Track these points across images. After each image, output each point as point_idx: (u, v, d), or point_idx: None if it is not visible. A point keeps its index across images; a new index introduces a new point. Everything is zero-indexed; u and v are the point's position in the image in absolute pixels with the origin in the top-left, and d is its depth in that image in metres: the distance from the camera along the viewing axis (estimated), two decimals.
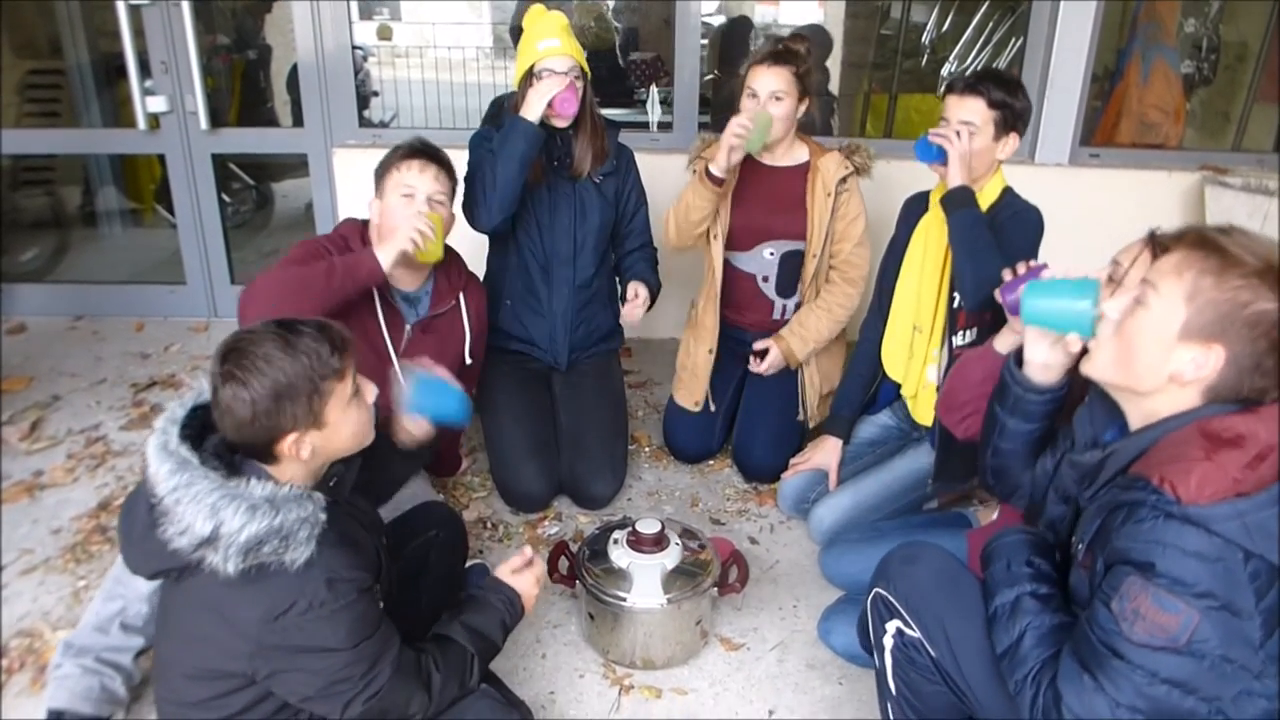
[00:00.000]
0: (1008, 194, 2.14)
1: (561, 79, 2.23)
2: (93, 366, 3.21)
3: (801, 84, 2.39)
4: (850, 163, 2.47)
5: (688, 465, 2.69)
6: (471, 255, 2.33)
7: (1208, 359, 1.15)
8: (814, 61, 2.45)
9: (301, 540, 1.22)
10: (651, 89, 4.35)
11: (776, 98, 2.37)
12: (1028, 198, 2.15)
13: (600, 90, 2.45)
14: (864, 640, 1.79)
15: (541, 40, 2.25)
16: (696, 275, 2.76)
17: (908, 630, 1.38)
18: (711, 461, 2.71)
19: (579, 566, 1.91)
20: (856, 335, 2.47)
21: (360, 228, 2.10)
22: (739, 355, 2.64)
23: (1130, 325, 1.21)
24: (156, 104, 3.34)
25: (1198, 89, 4.20)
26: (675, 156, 3.13)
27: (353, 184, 3.38)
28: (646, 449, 2.78)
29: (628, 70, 4.60)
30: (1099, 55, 3.40)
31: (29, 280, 3.81)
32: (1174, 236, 1.24)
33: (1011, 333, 1.66)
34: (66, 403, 2.94)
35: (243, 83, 4.44)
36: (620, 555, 1.88)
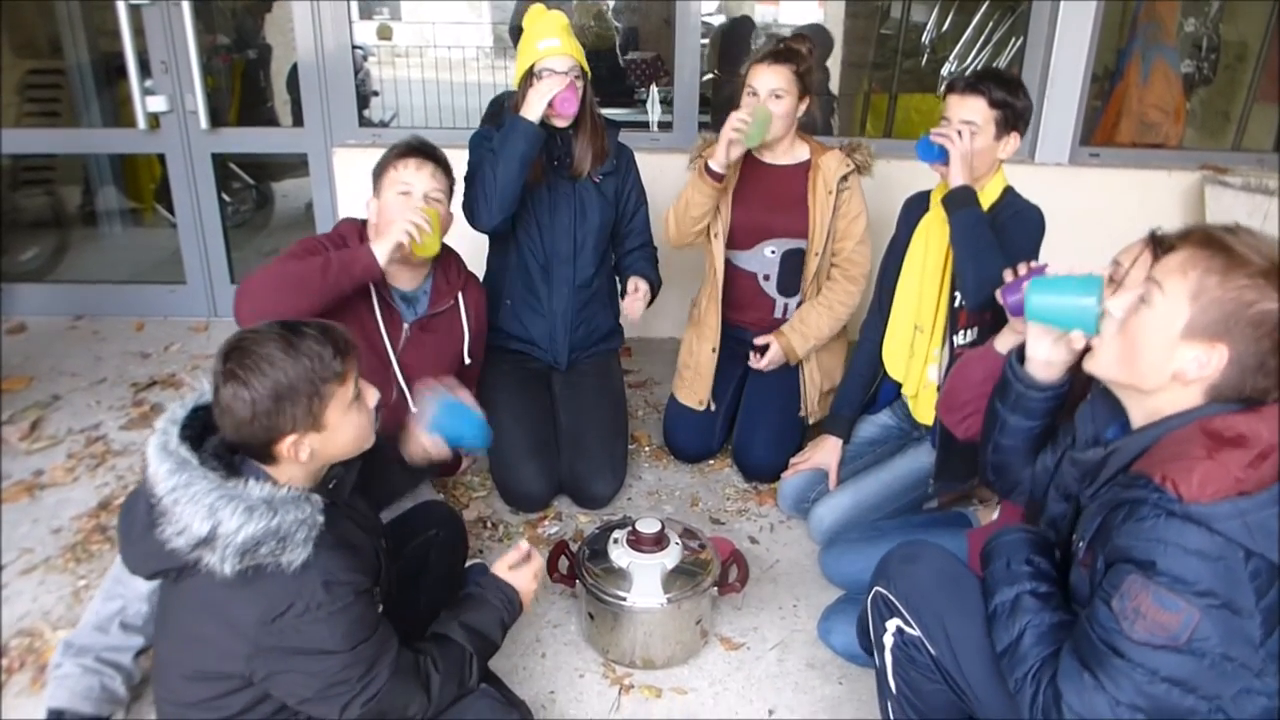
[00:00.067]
0: (1009, 193, 2.14)
1: (562, 79, 2.23)
2: (93, 366, 3.21)
3: (802, 82, 2.40)
4: (851, 161, 2.47)
5: (688, 465, 2.69)
6: (471, 255, 2.33)
7: (1211, 358, 1.15)
8: (814, 61, 2.46)
9: (299, 542, 1.22)
10: (651, 88, 4.35)
11: (776, 95, 2.37)
12: (1028, 197, 2.15)
13: (600, 90, 2.45)
14: (863, 640, 1.79)
15: (542, 40, 2.26)
16: (697, 274, 2.76)
17: (908, 629, 1.38)
18: (711, 461, 2.70)
19: (579, 566, 1.91)
20: (857, 334, 2.47)
21: (359, 227, 2.10)
22: (740, 355, 2.64)
23: (1134, 323, 1.21)
24: (156, 103, 3.34)
25: (1198, 88, 4.20)
26: (675, 156, 3.14)
27: (353, 184, 3.38)
28: (646, 448, 2.78)
29: (627, 70, 4.60)
30: (1099, 55, 3.40)
31: (29, 280, 3.81)
32: (1179, 235, 1.23)
33: (1012, 333, 1.66)
34: (66, 402, 2.94)
35: (243, 82, 4.44)
36: (620, 555, 1.87)
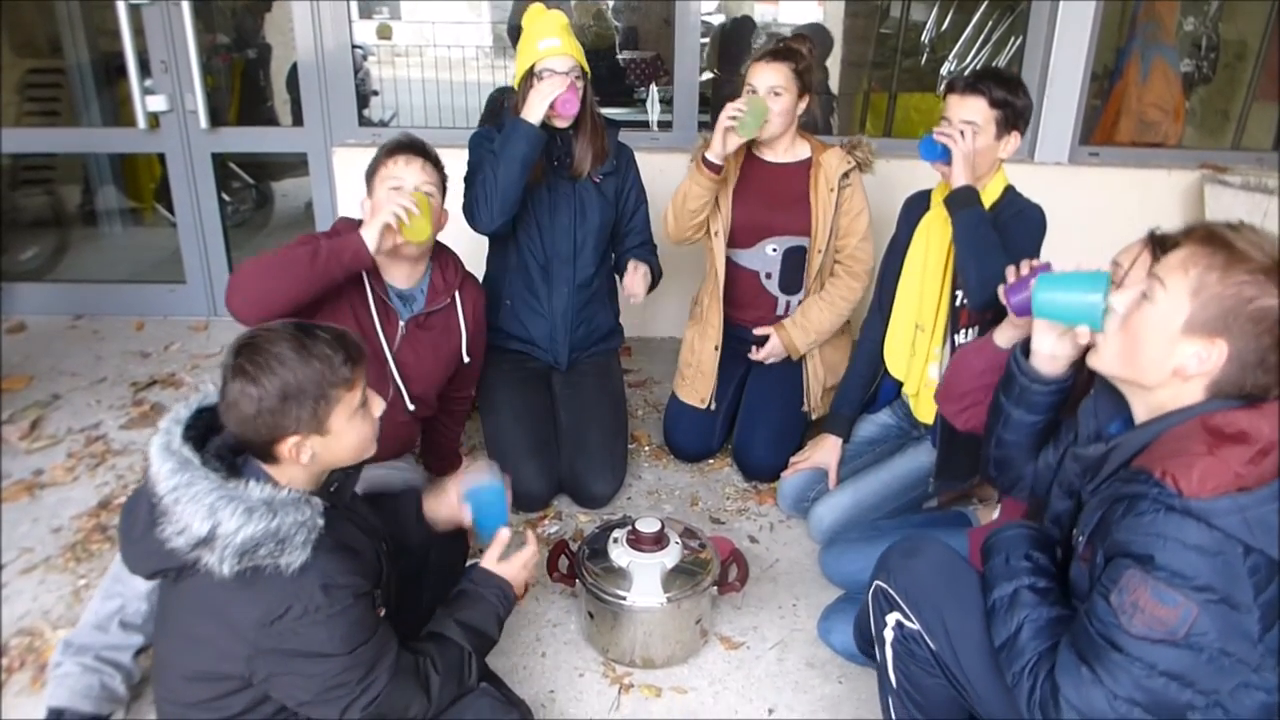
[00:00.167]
0: (1010, 193, 2.14)
1: (563, 80, 2.23)
2: (93, 365, 3.21)
3: (801, 80, 2.40)
4: (852, 158, 2.47)
5: (687, 464, 2.69)
6: (470, 256, 2.32)
7: (1211, 354, 1.15)
8: (814, 60, 2.46)
9: (298, 545, 1.22)
10: (651, 88, 4.35)
11: (775, 93, 2.37)
12: (1028, 196, 2.15)
13: (600, 89, 2.45)
14: (860, 641, 1.80)
15: (542, 40, 2.25)
16: (697, 273, 2.76)
17: (907, 623, 1.39)
18: (711, 460, 2.71)
19: (579, 565, 1.91)
20: (859, 332, 2.47)
21: (355, 225, 2.09)
22: (741, 354, 2.64)
23: (1136, 319, 1.22)
24: (156, 103, 3.34)
25: (1197, 87, 4.20)
26: (675, 155, 3.14)
27: (352, 183, 3.37)
28: (646, 448, 2.78)
29: (627, 69, 4.60)
30: (1098, 54, 3.40)
31: (29, 279, 3.81)
32: (1182, 232, 1.24)
33: (1012, 327, 1.67)
34: (66, 401, 2.94)
35: (242, 82, 4.44)
36: (620, 554, 1.87)
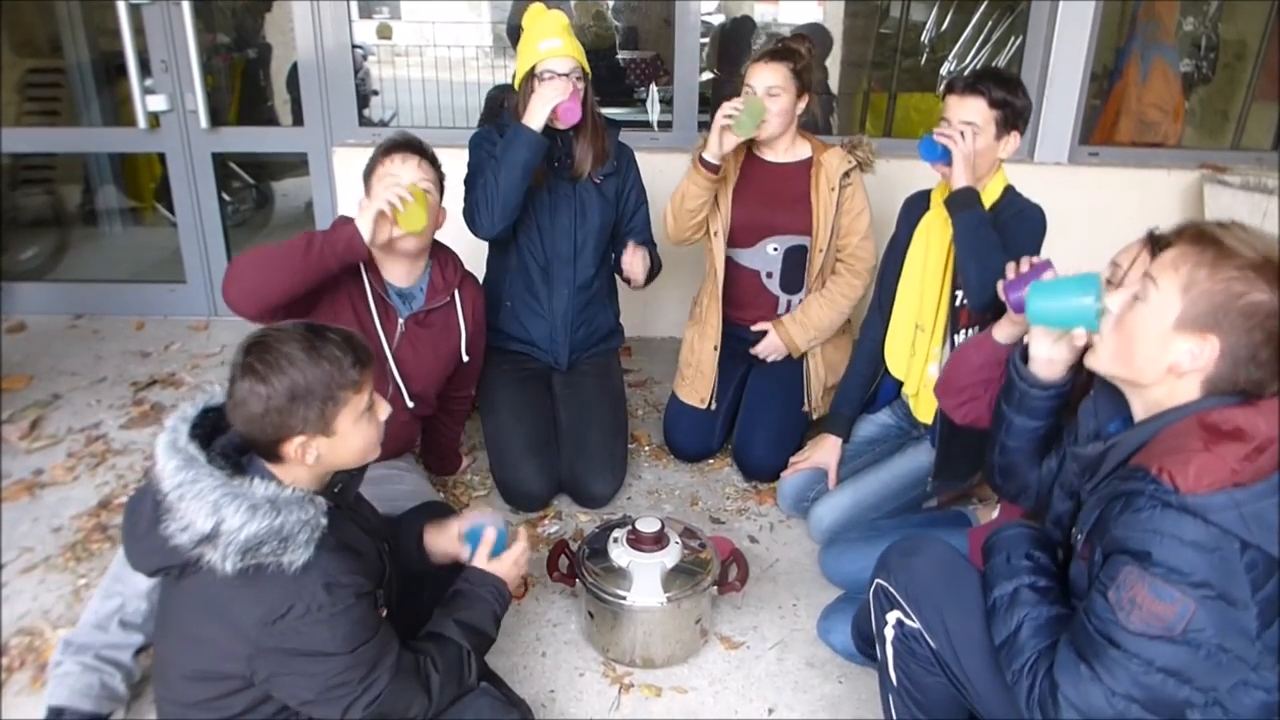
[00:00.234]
0: (1009, 193, 2.14)
1: (564, 85, 2.22)
2: (93, 365, 3.21)
3: (799, 80, 2.40)
4: (853, 157, 2.48)
5: (687, 464, 2.69)
6: (469, 257, 2.32)
7: (1203, 350, 1.16)
8: (813, 59, 2.45)
9: (300, 543, 1.23)
10: (651, 88, 4.35)
11: (772, 94, 2.38)
12: (1027, 196, 2.15)
13: (600, 89, 2.44)
14: (857, 640, 1.80)
15: (543, 40, 2.25)
16: (698, 272, 2.76)
17: (908, 621, 1.39)
18: (711, 460, 2.71)
19: (579, 565, 1.91)
20: (859, 332, 2.47)
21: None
22: (741, 353, 2.64)
23: (1129, 318, 1.23)
24: (156, 103, 3.34)
25: (1197, 87, 4.20)
26: (675, 155, 3.14)
27: (353, 183, 3.35)
28: (646, 448, 2.78)
29: (627, 69, 4.60)
30: (1098, 54, 3.40)
31: (29, 279, 3.81)
32: (1174, 232, 1.25)
33: (1011, 323, 1.67)
34: (66, 401, 2.94)
35: (243, 81, 4.44)
36: (620, 554, 1.87)
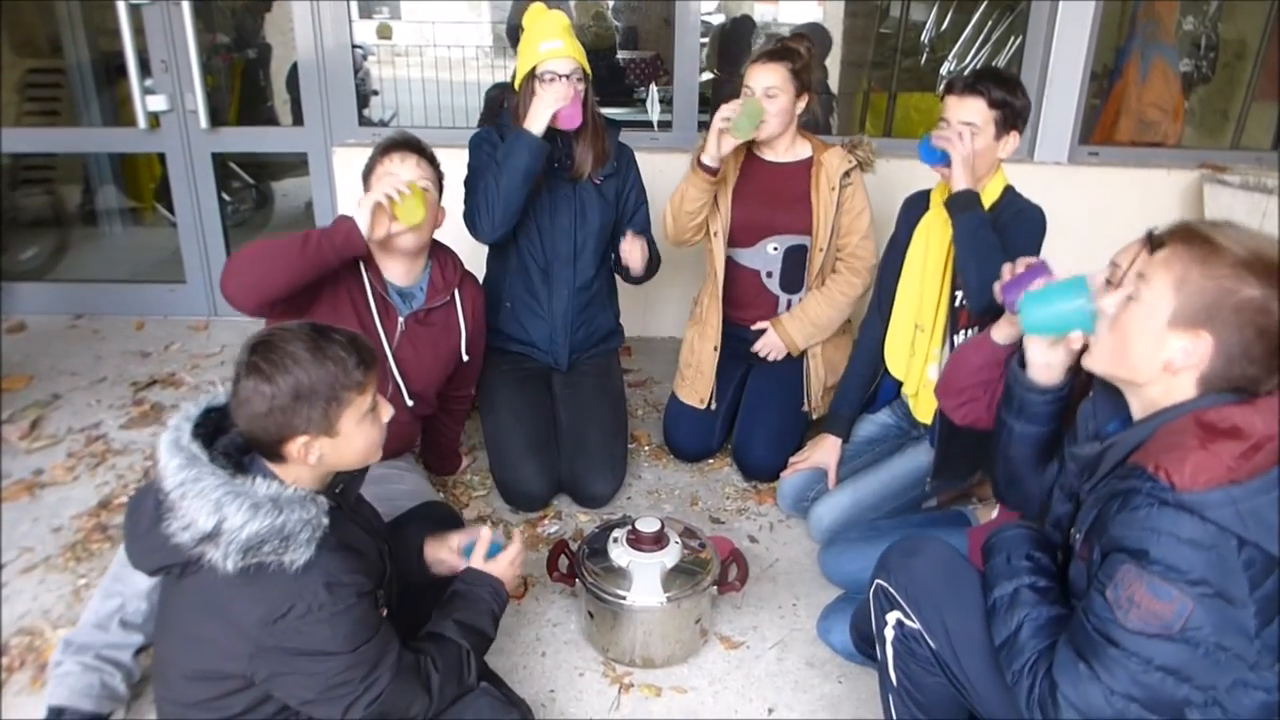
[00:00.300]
0: (1009, 193, 2.14)
1: (566, 89, 2.21)
2: (93, 365, 3.21)
3: (798, 80, 2.40)
4: (853, 157, 2.48)
5: (687, 464, 2.69)
6: (470, 257, 2.32)
7: (1196, 347, 1.16)
8: (813, 59, 2.45)
9: (302, 542, 1.23)
10: (651, 88, 4.35)
11: (770, 94, 2.38)
12: (1027, 196, 2.15)
13: (600, 89, 2.44)
14: (856, 639, 1.80)
15: (544, 41, 2.24)
16: (698, 273, 2.76)
17: (908, 622, 1.39)
18: (711, 460, 2.71)
19: (579, 565, 1.91)
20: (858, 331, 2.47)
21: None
22: (741, 353, 2.64)
23: (1124, 317, 1.23)
24: (156, 103, 3.34)
25: (1196, 87, 4.20)
26: (675, 155, 3.14)
27: (352, 183, 3.34)
28: (646, 448, 2.78)
29: (626, 69, 4.60)
30: (1098, 53, 3.40)
31: (29, 279, 3.81)
32: (1167, 231, 1.25)
33: (1009, 324, 1.67)
34: (66, 401, 2.94)
35: (243, 81, 4.44)
36: (620, 554, 1.88)
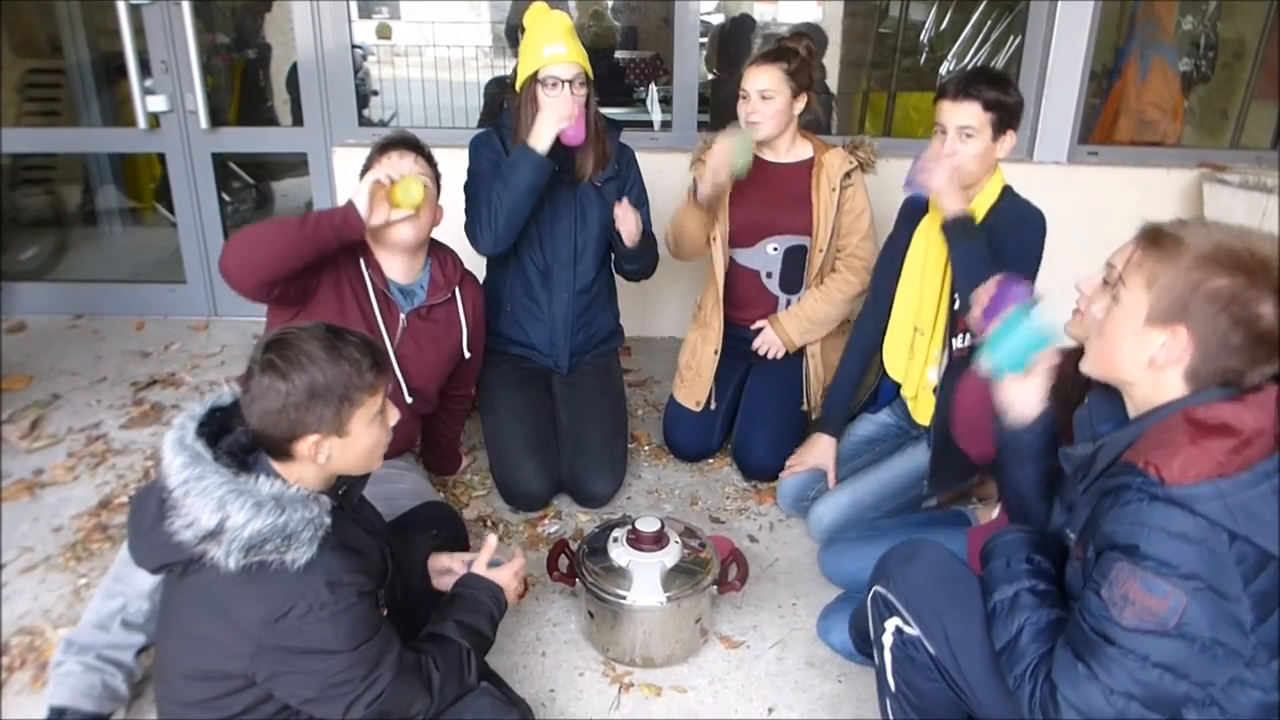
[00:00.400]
0: (1008, 194, 2.13)
1: (570, 106, 2.19)
2: (93, 365, 3.21)
3: (794, 81, 2.39)
4: (854, 158, 2.48)
5: (687, 464, 2.69)
6: (469, 256, 2.32)
7: (1175, 341, 1.18)
8: (812, 58, 2.45)
9: (304, 541, 1.23)
10: (651, 87, 4.35)
11: (765, 96, 2.38)
12: (1026, 196, 2.14)
13: (599, 89, 2.43)
14: (856, 640, 1.80)
15: (547, 45, 2.23)
16: (698, 274, 2.76)
17: (907, 628, 1.39)
18: (711, 460, 2.71)
19: (579, 565, 1.91)
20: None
21: None
22: (740, 353, 2.64)
23: (1107, 321, 1.27)
24: (156, 103, 3.34)
25: (1196, 86, 4.21)
26: (675, 155, 3.14)
27: (352, 183, 3.34)
28: (646, 447, 2.79)
29: (626, 69, 4.60)
30: (1097, 53, 3.40)
31: (29, 279, 3.81)
32: (1138, 235, 1.28)
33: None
34: (67, 401, 2.94)
35: (242, 82, 4.44)
36: (620, 553, 1.88)
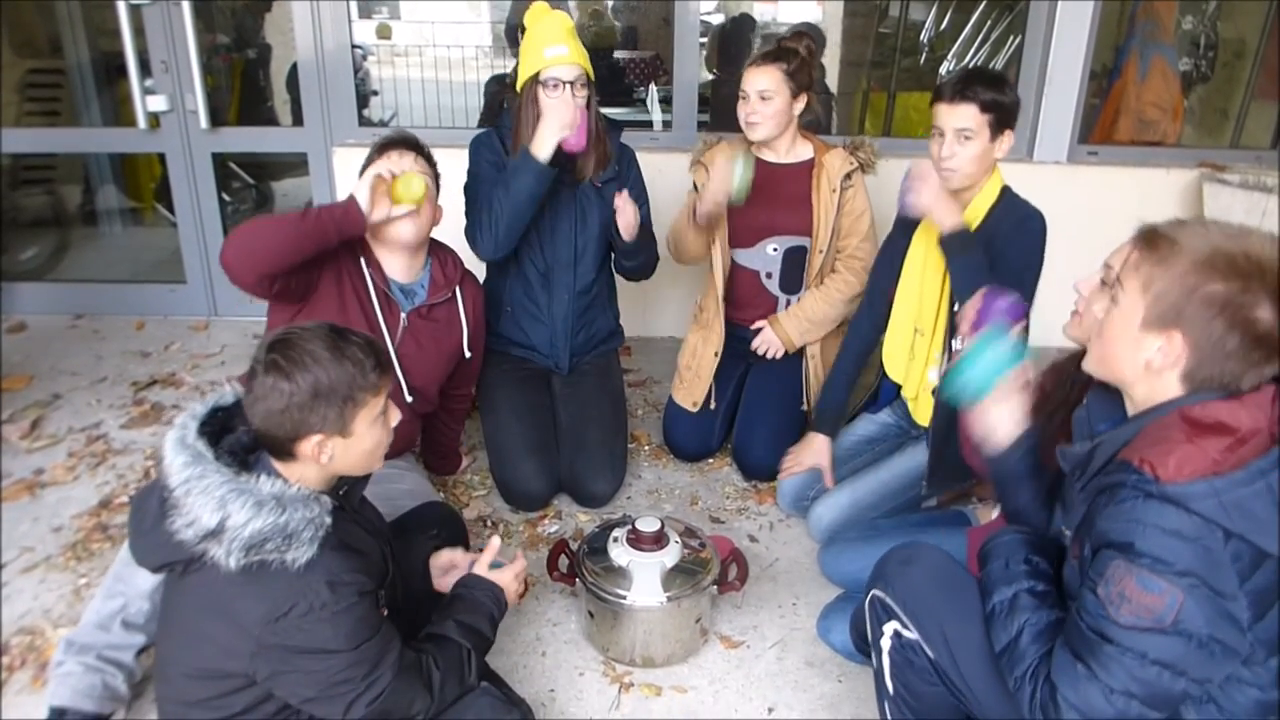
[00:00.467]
0: (1006, 194, 2.13)
1: (571, 113, 2.18)
2: (93, 365, 3.22)
3: (793, 82, 2.39)
4: (855, 158, 2.48)
5: (687, 464, 2.69)
6: (469, 257, 2.32)
7: (1170, 346, 1.18)
8: (812, 58, 2.45)
9: (305, 540, 1.23)
10: (651, 88, 4.35)
11: (764, 97, 2.38)
12: (1026, 196, 2.14)
13: (599, 89, 2.42)
14: (857, 640, 1.80)
15: (548, 47, 2.22)
16: (698, 274, 2.76)
17: (905, 632, 1.39)
18: (711, 460, 2.71)
19: (579, 564, 1.91)
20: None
21: None
22: (740, 353, 2.64)
23: (1106, 322, 1.26)
24: (157, 103, 3.34)
25: (1196, 86, 4.21)
26: (675, 155, 3.14)
27: (352, 183, 3.35)
28: (646, 447, 2.79)
29: (626, 69, 4.60)
30: (1097, 53, 3.40)
31: (29, 279, 3.81)
32: (1135, 236, 1.27)
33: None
34: (67, 401, 2.95)
35: (242, 82, 4.44)
36: (620, 553, 1.88)
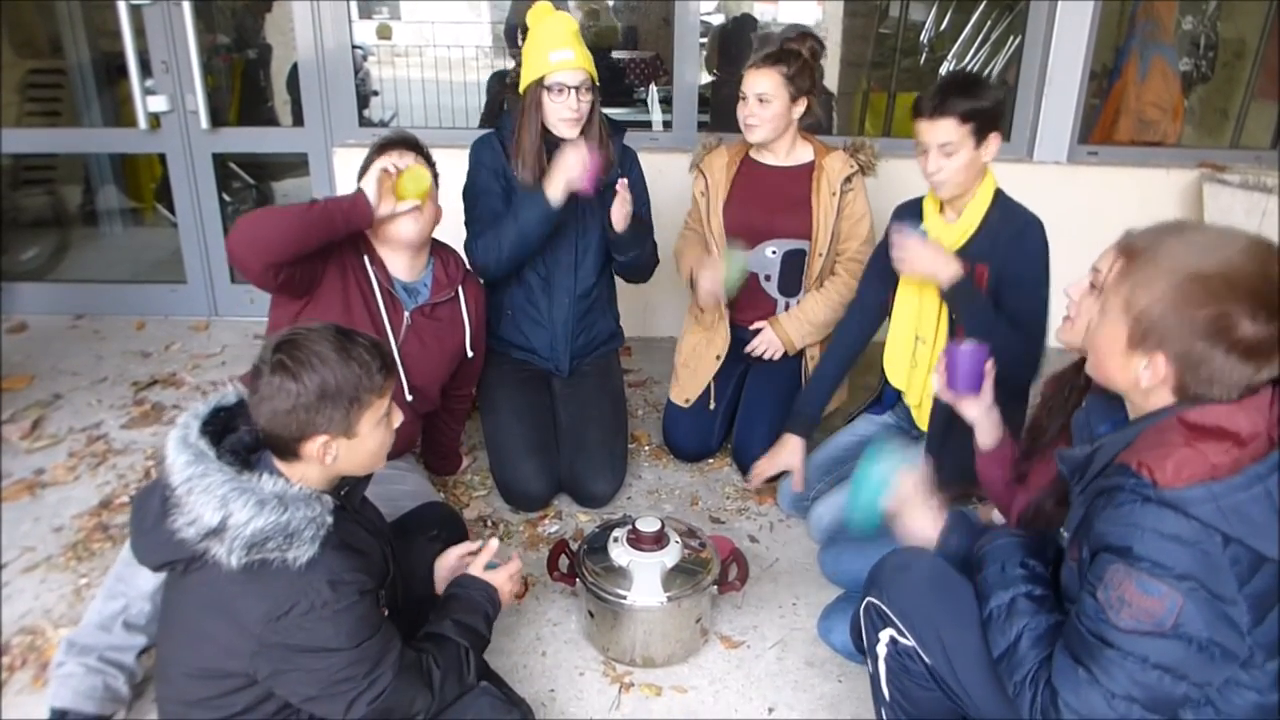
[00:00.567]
0: (1000, 198, 2.10)
1: (584, 160, 2.16)
2: (93, 365, 3.22)
3: (792, 84, 2.39)
4: (855, 161, 2.47)
5: (687, 464, 2.70)
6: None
7: (1155, 367, 1.17)
8: (812, 59, 2.45)
9: (306, 539, 1.23)
10: (651, 88, 4.35)
11: (763, 100, 2.37)
12: (1026, 197, 2.12)
13: (600, 89, 2.43)
14: (855, 639, 1.80)
15: (554, 50, 2.21)
16: None
17: (901, 639, 1.38)
18: (711, 460, 2.71)
19: (579, 564, 1.91)
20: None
21: None
22: (740, 354, 2.64)
23: (1095, 335, 1.26)
24: (157, 103, 3.35)
25: (1196, 86, 4.21)
26: (676, 156, 3.14)
27: (352, 183, 3.35)
28: (646, 447, 2.79)
29: (625, 69, 4.60)
30: (1097, 53, 3.41)
31: (30, 279, 3.81)
32: (1118, 244, 1.27)
33: (981, 424, 1.71)
34: (67, 401, 2.95)
35: (243, 82, 4.44)
36: (620, 553, 1.88)
